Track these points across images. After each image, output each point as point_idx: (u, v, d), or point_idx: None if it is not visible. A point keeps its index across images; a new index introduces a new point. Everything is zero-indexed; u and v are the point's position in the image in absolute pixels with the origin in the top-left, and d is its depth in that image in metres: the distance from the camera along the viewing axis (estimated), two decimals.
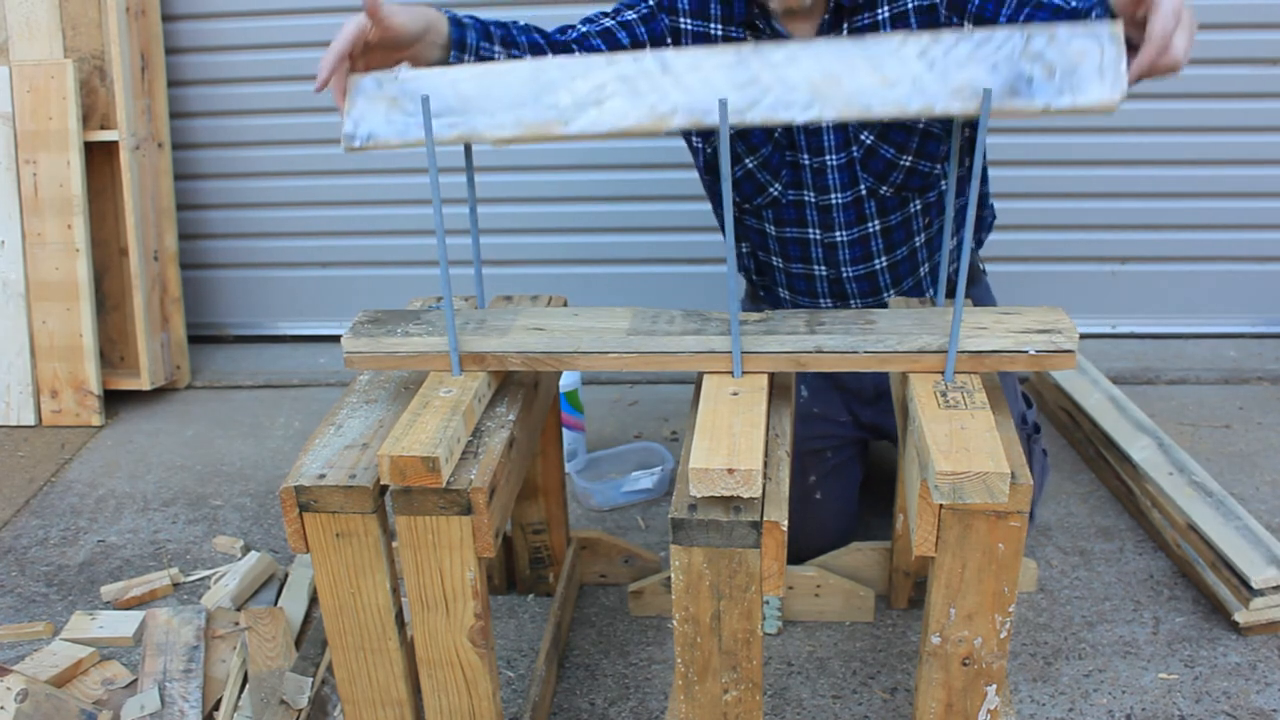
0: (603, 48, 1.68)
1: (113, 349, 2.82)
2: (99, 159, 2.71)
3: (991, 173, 2.66)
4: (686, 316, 1.38)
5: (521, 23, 1.66)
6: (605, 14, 1.74)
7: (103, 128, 2.69)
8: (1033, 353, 1.26)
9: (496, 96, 1.25)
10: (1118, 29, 1.12)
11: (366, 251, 3.01)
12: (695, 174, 1.98)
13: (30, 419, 2.70)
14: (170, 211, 2.81)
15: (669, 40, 1.74)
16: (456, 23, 1.48)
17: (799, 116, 1.15)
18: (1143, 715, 1.64)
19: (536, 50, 1.62)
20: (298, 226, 3.00)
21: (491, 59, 1.54)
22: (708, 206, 2.73)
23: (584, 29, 1.70)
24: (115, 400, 2.77)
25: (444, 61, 1.47)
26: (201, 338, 3.09)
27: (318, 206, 2.97)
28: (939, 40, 1.14)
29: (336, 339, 3.00)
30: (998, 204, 2.57)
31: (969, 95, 1.13)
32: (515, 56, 1.57)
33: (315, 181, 2.94)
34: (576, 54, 1.65)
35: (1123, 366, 2.74)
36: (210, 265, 3.07)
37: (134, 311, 2.73)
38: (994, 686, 1.25)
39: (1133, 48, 1.15)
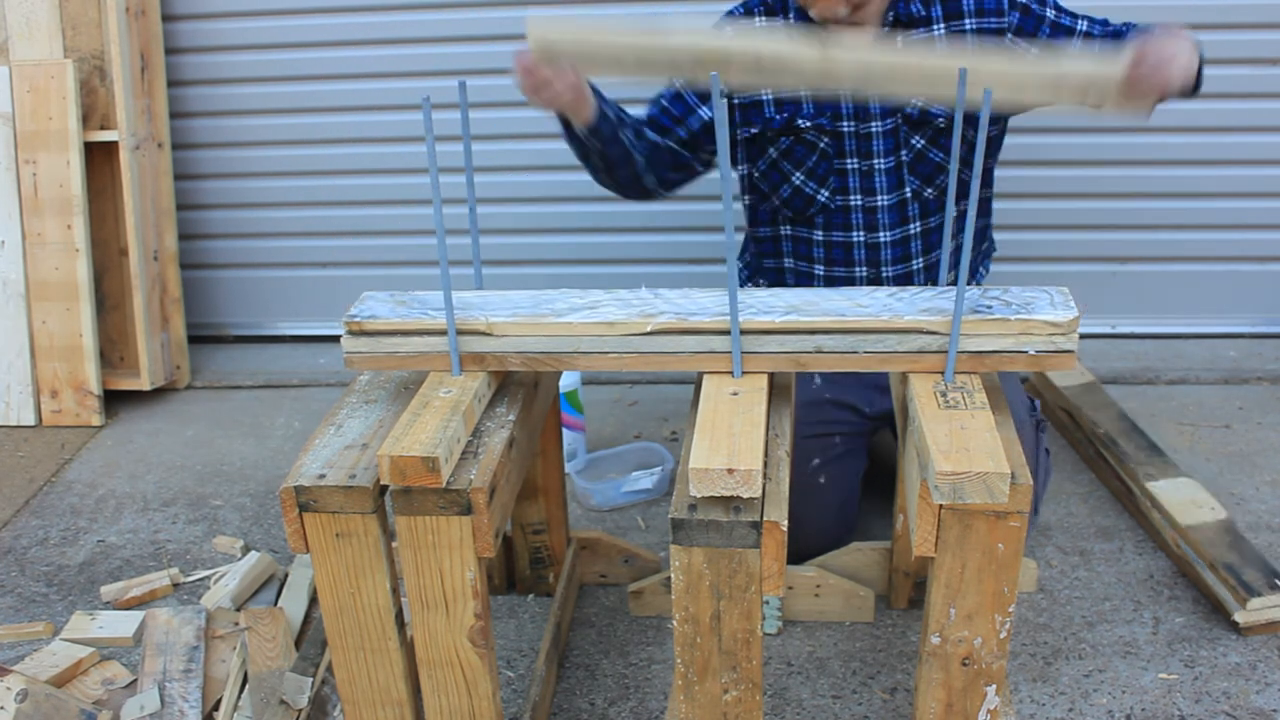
0: (662, 126, 1.86)
1: (113, 349, 2.82)
2: (99, 159, 2.71)
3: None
4: None
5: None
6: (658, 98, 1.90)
7: (103, 128, 2.70)
8: (1033, 353, 1.26)
9: (497, 304, 1.39)
10: (1066, 289, 1.31)
11: (366, 251, 3.01)
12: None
13: (30, 419, 2.70)
14: (170, 211, 2.81)
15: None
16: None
17: (777, 319, 1.30)
18: (1143, 715, 1.64)
19: (637, 132, 1.81)
20: (298, 226, 3.00)
21: (622, 117, 1.76)
22: (707, 206, 2.74)
23: (646, 115, 1.89)
24: (115, 400, 2.77)
25: (598, 113, 1.67)
26: (201, 338, 3.09)
27: (318, 206, 2.97)
28: (906, 289, 1.37)
29: (336, 339, 2.99)
30: (999, 204, 2.57)
31: (934, 313, 1.29)
32: (635, 122, 1.81)
33: (315, 181, 2.94)
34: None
35: (1123, 366, 2.74)
36: (210, 265, 3.07)
37: (134, 311, 2.73)
38: (994, 686, 1.25)
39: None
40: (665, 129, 1.86)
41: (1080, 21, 1.80)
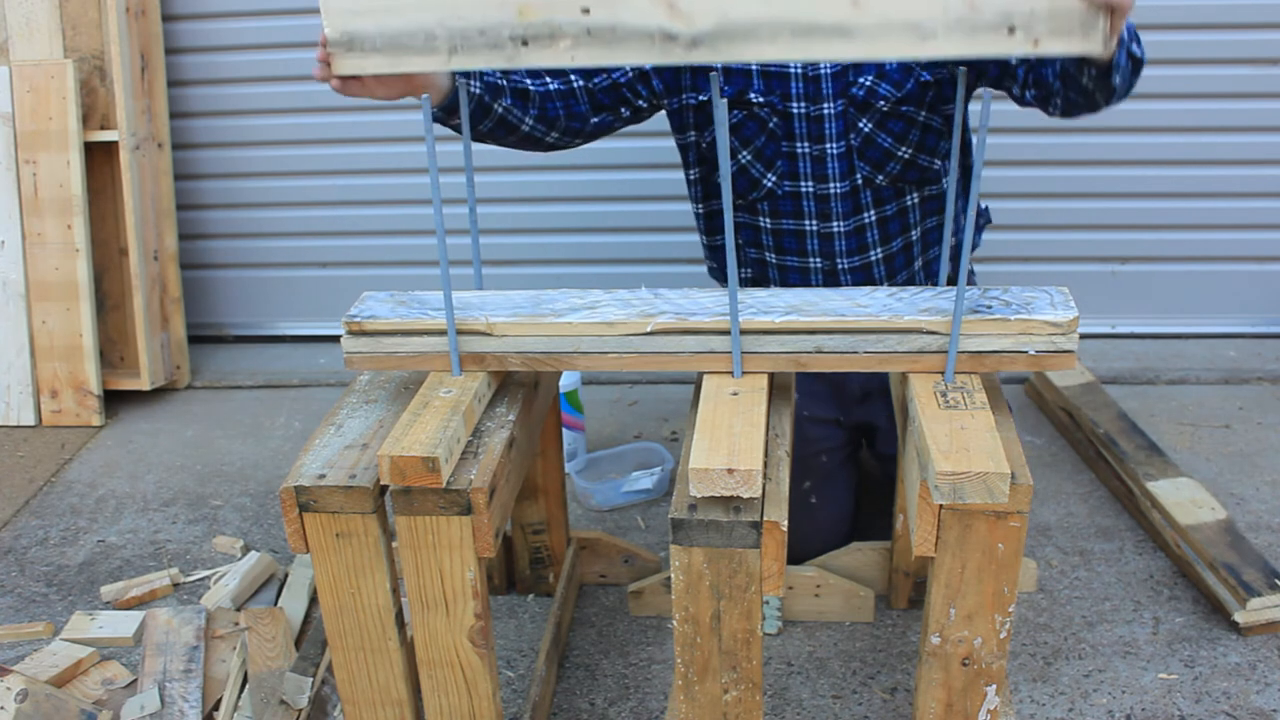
0: (561, 111, 1.70)
1: (113, 349, 2.82)
2: (99, 159, 2.71)
3: (992, 173, 2.66)
4: None
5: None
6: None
7: (103, 128, 2.69)
8: (1033, 353, 1.26)
9: (497, 304, 1.39)
10: (1065, 289, 1.33)
11: (366, 251, 3.00)
12: None
13: (30, 419, 2.70)
14: (170, 211, 2.81)
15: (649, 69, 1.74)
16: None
17: (777, 319, 1.30)
18: (1143, 715, 1.64)
19: (519, 94, 1.65)
20: (298, 226, 3.00)
21: (496, 83, 1.60)
22: None
23: (550, 87, 1.71)
24: (115, 400, 2.77)
25: (453, 89, 1.50)
26: (201, 338, 3.09)
27: (318, 206, 2.97)
28: (907, 289, 1.37)
29: (336, 339, 2.99)
30: (998, 204, 2.57)
31: (934, 313, 1.29)
32: (516, 83, 1.64)
33: (315, 181, 2.94)
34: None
35: (1123, 366, 2.74)
36: (210, 265, 3.07)
37: (134, 311, 2.73)
38: (994, 686, 1.25)
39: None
40: (593, 71, 1.71)
41: None
